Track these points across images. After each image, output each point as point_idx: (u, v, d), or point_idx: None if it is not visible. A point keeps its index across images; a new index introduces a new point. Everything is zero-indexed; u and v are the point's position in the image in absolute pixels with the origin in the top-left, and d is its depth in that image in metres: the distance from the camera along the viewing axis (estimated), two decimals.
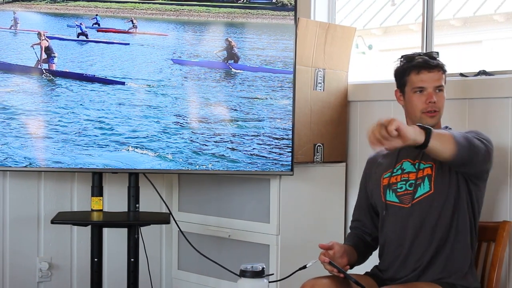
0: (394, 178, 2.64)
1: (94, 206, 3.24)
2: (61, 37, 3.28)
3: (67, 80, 3.26)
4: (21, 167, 3.18)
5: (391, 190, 2.64)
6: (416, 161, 2.61)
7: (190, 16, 3.35)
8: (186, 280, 3.80)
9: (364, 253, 2.73)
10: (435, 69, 2.61)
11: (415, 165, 2.61)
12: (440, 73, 2.62)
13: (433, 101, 2.59)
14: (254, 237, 3.42)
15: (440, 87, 2.62)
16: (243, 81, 3.33)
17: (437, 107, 2.61)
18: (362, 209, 2.80)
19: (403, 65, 2.68)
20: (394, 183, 2.64)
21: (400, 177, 2.63)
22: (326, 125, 3.52)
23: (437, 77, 2.61)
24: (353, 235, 2.78)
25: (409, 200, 2.58)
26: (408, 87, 2.65)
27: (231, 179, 3.52)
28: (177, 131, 3.27)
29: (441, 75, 2.63)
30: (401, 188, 2.61)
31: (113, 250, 3.64)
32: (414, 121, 2.60)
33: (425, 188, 2.56)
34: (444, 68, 2.65)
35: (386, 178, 2.67)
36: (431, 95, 2.59)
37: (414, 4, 3.99)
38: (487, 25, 3.93)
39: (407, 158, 2.64)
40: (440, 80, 2.62)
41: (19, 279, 3.46)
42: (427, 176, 2.56)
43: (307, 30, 3.40)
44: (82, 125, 3.22)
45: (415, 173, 2.59)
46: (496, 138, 3.01)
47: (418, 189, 2.57)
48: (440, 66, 2.63)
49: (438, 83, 2.61)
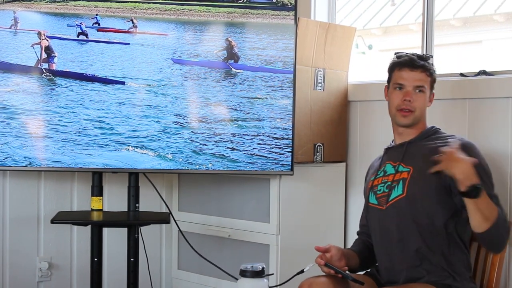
0: (377, 181, 2.64)
1: (94, 206, 3.24)
2: (61, 37, 3.28)
3: (67, 79, 3.25)
4: (21, 166, 3.18)
5: (372, 192, 2.64)
6: (397, 163, 2.59)
7: (190, 16, 3.35)
8: (186, 280, 3.79)
9: (370, 258, 2.70)
10: (419, 69, 2.56)
11: (395, 167, 2.59)
12: (423, 74, 2.57)
13: (408, 99, 2.55)
14: (254, 237, 3.42)
15: (421, 88, 2.56)
16: (243, 81, 3.33)
17: (413, 107, 2.56)
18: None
19: (392, 61, 2.66)
20: (376, 185, 2.64)
21: (381, 179, 2.62)
22: (326, 125, 3.52)
23: (419, 77, 2.56)
24: (359, 241, 2.77)
25: (384, 202, 2.57)
26: (391, 83, 2.63)
27: (231, 179, 3.52)
28: (177, 130, 3.27)
29: (425, 77, 2.57)
30: (380, 190, 2.61)
31: (113, 250, 3.63)
32: (391, 118, 2.63)
33: (398, 191, 2.54)
34: (431, 71, 2.59)
35: (371, 180, 2.68)
36: (409, 93, 2.56)
37: (414, 4, 3.99)
38: (487, 25, 3.93)
39: (390, 160, 2.64)
40: (422, 81, 2.57)
41: (19, 279, 3.46)
42: (402, 179, 2.54)
43: (307, 30, 3.40)
44: (82, 125, 3.22)
45: (393, 175, 2.58)
46: (496, 138, 3.02)
47: (392, 191, 2.55)
48: (425, 67, 2.58)
49: (419, 83, 2.56)
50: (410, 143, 2.60)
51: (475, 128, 3.10)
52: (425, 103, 2.59)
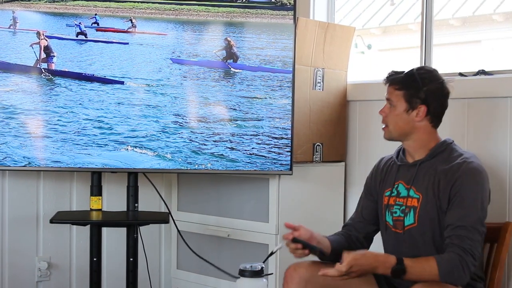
0: (392, 200, 2.62)
1: (93, 206, 3.24)
2: (60, 37, 3.28)
3: (66, 79, 3.25)
4: (20, 166, 3.18)
5: (389, 212, 2.62)
6: (409, 185, 2.57)
7: (189, 16, 3.34)
8: (185, 280, 3.79)
9: (348, 249, 2.56)
10: (391, 85, 2.57)
11: (408, 190, 2.57)
12: (391, 87, 2.57)
13: (380, 113, 2.61)
14: (253, 237, 3.42)
15: (390, 102, 2.57)
16: (242, 80, 3.33)
17: (384, 121, 2.61)
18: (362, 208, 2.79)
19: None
20: (391, 205, 2.61)
21: (396, 200, 2.60)
22: (325, 124, 3.52)
23: (391, 91, 2.56)
24: (340, 232, 2.76)
25: (401, 226, 2.57)
26: None
27: (230, 178, 3.52)
28: (176, 130, 3.26)
29: (393, 90, 2.56)
30: (396, 212, 2.60)
31: (112, 250, 3.63)
32: None
33: (410, 220, 2.54)
34: (399, 85, 2.55)
35: (386, 196, 2.65)
36: (383, 107, 2.61)
37: (413, 3, 3.99)
38: (486, 24, 3.92)
39: (402, 181, 2.61)
40: (390, 94, 2.57)
41: (18, 279, 3.46)
42: (412, 207, 2.54)
43: (306, 29, 3.40)
44: (81, 125, 3.22)
45: (405, 199, 2.57)
46: (495, 138, 3.02)
47: (405, 217, 2.56)
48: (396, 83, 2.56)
49: (389, 96, 2.57)
50: (422, 162, 2.56)
51: (474, 128, 3.10)
52: (396, 118, 2.56)
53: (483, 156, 3.04)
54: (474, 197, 2.42)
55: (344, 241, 2.70)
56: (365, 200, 2.78)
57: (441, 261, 2.35)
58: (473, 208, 2.40)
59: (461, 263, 2.33)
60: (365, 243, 2.74)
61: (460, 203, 2.42)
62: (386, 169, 2.71)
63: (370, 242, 2.76)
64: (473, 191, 2.43)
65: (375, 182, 2.74)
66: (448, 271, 2.33)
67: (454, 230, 2.39)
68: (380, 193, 2.69)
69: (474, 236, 2.37)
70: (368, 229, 2.74)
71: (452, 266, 2.34)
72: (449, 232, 2.41)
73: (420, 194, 2.52)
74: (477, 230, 2.38)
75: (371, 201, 2.75)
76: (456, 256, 2.35)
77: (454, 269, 2.33)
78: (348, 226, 2.79)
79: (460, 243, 2.36)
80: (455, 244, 2.36)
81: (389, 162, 2.73)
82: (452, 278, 2.33)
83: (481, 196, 2.43)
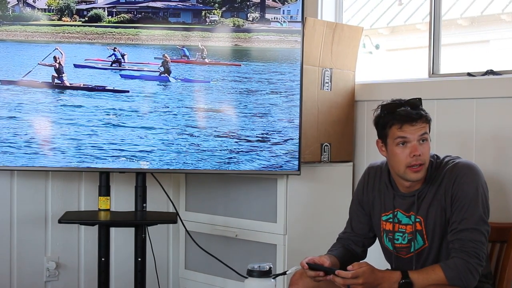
0: (391, 226, 2.58)
1: (101, 206, 3.24)
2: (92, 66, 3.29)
3: (75, 90, 3.27)
4: (28, 166, 3.19)
5: (387, 238, 2.60)
6: (410, 213, 2.53)
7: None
8: (193, 280, 3.80)
9: (350, 262, 2.52)
10: (419, 121, 2.42)
11: (410, 217, 2.54)
12: (423, 123, 2.43)
13: (417, 154, 2.41)
14: (261, 237, 3.42)
15: (424, 136, 2.43)
16: (250, 80, 3.33)
17: (422, 160, 2.42)
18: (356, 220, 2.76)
19: (384, 117, 2.49)
20: (391, 231, 2.59)
21: (398, 227, 2.57)
22: (333, 124, 3.51)
23: (421, 127, 2.42)
24: (338, 245, 2.73)
25: (405, 253, 2.57)
26: (390, 139, 2.47)
27: (238, 178, 3.52)
28: (184, 131, 3.27)
29: (425, 125, 2.43)
30: (398, 239, 2.57)
31: (120, 250, 3.64)
32: (398, 175, 2.50)
33: (419, 243, 2.52)
34: (428, 118, 2.45)
35: (384, 221, 2.61)
36: (415, 147, 2.41)
37: (422, 3, 3.99)
38: (494, 24, 3.92)
39: (401, 209, 2.56)
40: (424, 129, 2.43)
41: (26, 279, 3.47)
42: (418, 232, 2.51)
43: (314, 29, 3.40)
44: (90, 126, 3.22)
45: (411, 226, 2.53)
46: (504, 138, 3.01)
47: (412, 243, 2.54)
48: (423, 117, 2.43)
49: (422, 132, 2.42)
50: (420, 192, 2.51)
51: (482, 128, 3.09)
52: (429, 150, 2.46)
53: (491, 156, 3.04)
54: (473, 195, 2.41)
55: (347, 254, 2.69)
56: (357, 214, 2.74)
57: (446, 268, 2.35)
58: (473, 207, 2.40)
59: (467, 267, 2.34)
60: (363, 254, 2.75)
61: (460, 205, 2.42)
62: (379, 187, 2.64)
63: (367, 251, 2.76)
64: (470, 188, 2.42)
65: (367, 197, 2.68)
66: (455, 277, 2.33)
67: (456, 234, 2.40)
68: (376, 213, 2.65)
69: (477, 237, 2.37)
70: (364, 242, 2.74)
71: (459, 272, 2.34)
72: (452, 237, 2.41)
73: (421, 217, 2.50)
74: (479, 231, 2.38)
75: (363, 215, 2.71)
76: (461, 260, 2.35)
77: (461, 274, 2.34)
78: (343, 239, 2.76)
79: (463, 247, 2.36)
80: (459, 249, 2.37)
81: (379, 174, 2.66)
82: (461, 283, 2.34)
83: (480, 191, 2.42)
